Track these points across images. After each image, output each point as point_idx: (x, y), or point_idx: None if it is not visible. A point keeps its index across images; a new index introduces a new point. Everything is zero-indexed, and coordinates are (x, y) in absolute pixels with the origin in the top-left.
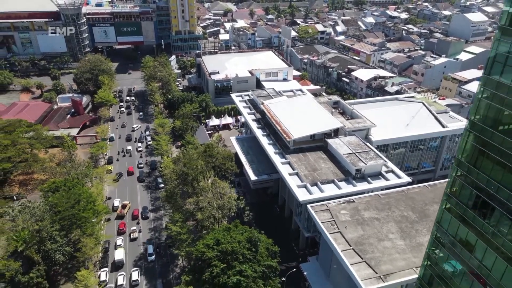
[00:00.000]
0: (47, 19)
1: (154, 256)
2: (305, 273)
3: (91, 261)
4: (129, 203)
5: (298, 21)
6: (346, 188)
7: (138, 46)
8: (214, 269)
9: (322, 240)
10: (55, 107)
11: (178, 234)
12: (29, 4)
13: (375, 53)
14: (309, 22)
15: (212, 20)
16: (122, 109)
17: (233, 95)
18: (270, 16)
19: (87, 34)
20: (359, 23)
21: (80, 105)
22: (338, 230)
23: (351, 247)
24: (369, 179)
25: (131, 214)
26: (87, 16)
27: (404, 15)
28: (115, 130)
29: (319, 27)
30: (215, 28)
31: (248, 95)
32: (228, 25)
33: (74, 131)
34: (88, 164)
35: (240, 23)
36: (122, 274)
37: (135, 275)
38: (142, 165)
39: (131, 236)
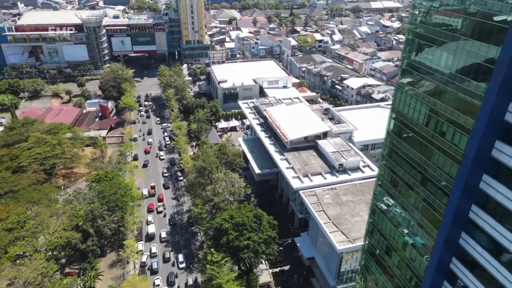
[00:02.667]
0: (71, 31)
1: (184, 264)
2: (298, 244)
3: (131, 235)
4: (155, 184)
5: (298, 29)
6: (331, 178)
7: (151, 54)
8: (230, 236)
9: (310, 219)
10: (84, 111)
11: (199, 214)
12: (56, 18)
13: (367, 62)
14: (309, 30)
15: (218, 29)
16: (141, 112)
17: (240, 103)
18: (272, 25)
19: (106, 44)
20: (355, 32)
21: (107, 110)
22: (322, 209)
23: (331, 221)
24: (349, 172)
25: (157, 197)
26: (106, 28)
27: (396, 24)
28: (138, 128)
29: (317, 36)
30: (221, 37)
31: (253, 102)
32: (233, 34)
33: (103, 133)
34: (121, 160)
35: (244, 32)
36: (154, 245)
37: (164, 234)
38: (166, 174)
39: (158, 210)
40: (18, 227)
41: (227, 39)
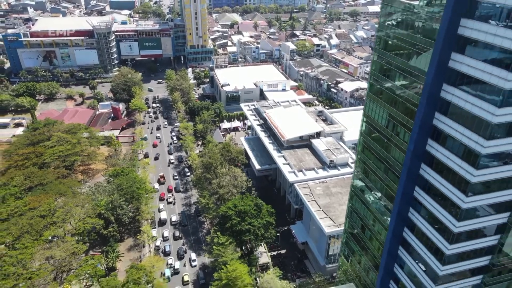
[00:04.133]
0: (83, 37)
1: (196, 262)
2: (293, 231)
3: (146, 223)
4: (163, 174)
5: (297, 33)
6: (322, 173)
7: (157, 58)
8: (233, 221)
9: (304, 208)
10: (97, 113)
11: (206, 204)
12: (68, 24)
13: (361, 66)
14: (307, 34)
15: (220, 33)
16: (150, 114)
17: (242, 105)
18: (272, 30)
19: (115, 49)
20: (351, 36)
21: (119, 111)
22: (313, 199)
23: (321, 209)
24: (338, 167)
25: (167, 188)
26: (115, 33)
27: None
28: (148, 127)
29: (315, 41)
30: (224, 41)
31: (253, 104)
32: (235, 38)
33: (116, 132)
34: (135, 157)
35: (246, 36)
36: (166, 230)
37: (174, 217)
38: (177, 177)
39: (168, 201)
40: (50, 214)
41: (229, 43)
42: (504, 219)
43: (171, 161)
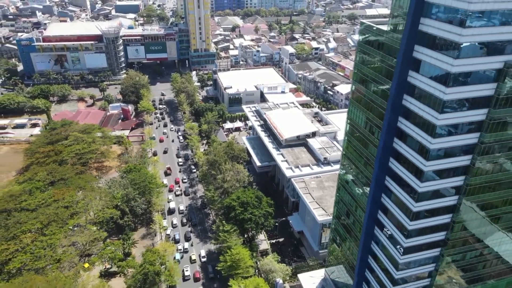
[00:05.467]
0: (92, 42)
1: (206, 258)
2: (290, 221)
3: (158, 214)
4: (170, 166)
5: (297, 36)
6: (317, 169)
7: (162, 61)
8: (237, 211)
9: (300, 201)
10: (108, 113)
11: (212, 197)
12: (77, 29)
13: None
14: (306, 37)
15: (222, 36)
16: (157, 114)
17: (244, 107)
18: (272, 34)
19: (122, 53)
20: (348, 39)
21: (128, 112)
22: (308, 192)
23: (315, 200)
24: (331, 164)
25: (174, 180)
26: (123, 38)
27: None
28: (155, 125)
29: (314, 44)
30: (226, 44)
31: (254, 106)
32: (236, 42)
33: (126, 132)
34: (145, 155)
35: (247, 39)
36: (175, 218)
37: (182, 206)
38: (186, 180)
39: (176, 193)
40: (73, 205)
41: (231, 46)
42: (454, 201)
43: (180, 163)
